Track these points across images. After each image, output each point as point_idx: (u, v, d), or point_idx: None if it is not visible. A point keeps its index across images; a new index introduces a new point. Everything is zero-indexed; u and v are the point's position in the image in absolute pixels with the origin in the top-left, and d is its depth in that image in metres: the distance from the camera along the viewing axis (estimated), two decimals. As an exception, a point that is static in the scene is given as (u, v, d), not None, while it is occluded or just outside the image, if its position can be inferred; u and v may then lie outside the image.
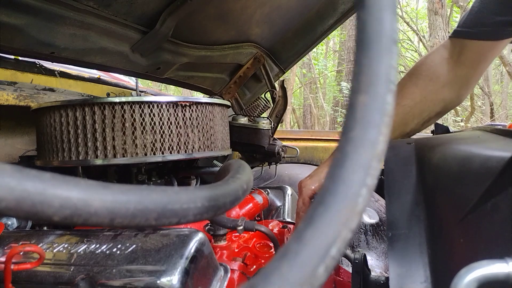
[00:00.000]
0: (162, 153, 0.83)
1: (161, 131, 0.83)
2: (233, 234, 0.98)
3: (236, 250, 0.91)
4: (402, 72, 10.45)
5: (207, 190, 0.37)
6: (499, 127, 0.84)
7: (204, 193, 0.36)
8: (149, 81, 1.80)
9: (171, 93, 8.22)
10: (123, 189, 0.30)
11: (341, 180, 0.23)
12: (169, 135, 0.84)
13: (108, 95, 1.04)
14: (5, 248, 0.73)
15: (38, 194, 0.26)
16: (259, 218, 1.29)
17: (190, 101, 0.88)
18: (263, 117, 1.41)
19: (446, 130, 1.03)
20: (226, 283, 0.78)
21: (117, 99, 0.81)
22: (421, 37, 9.31)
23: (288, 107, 1.77)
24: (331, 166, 0.23)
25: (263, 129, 1.33)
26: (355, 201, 0.23)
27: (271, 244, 0.99)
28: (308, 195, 0.94)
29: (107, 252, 0.67)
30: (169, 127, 0.84)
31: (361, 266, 0.88)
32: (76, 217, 0.28)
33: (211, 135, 0.93)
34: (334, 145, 2.32)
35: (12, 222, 0.87)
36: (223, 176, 0.48)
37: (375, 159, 0.24)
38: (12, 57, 1.17)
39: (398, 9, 9.77)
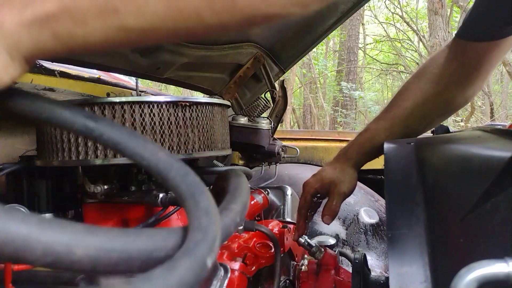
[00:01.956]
0: (162, 153, 0.83)
1: (161, 131, 0.83)
2: (233, 234, 0.98)
3: (236, 250, 0.91)
4: (402, 72, 10.45)
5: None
6: (499, 127, 0.84)
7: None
8: (149, 81, 1.80)
9: (171, 93, 8.22)
10: (109, 236, 0.30)
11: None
12: (169, 135, 0.84)
13: (108, 95, 1.04)
14: (5, 248, 0.73)
15: (21, 240, 0.25)
16: (259, 218, 1.29)
17: (190, 101, 0.88)
18: (263, 117, 1.41)
19: (446, 130, 1.03)
20: (226, 283, 0.78)
21: (117, 99, 0.81)
22: (421, 37, 9.31)
23: (288, 107, 1.77)
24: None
25: (263, 129, 1.33)
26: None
27: (271, 244, 0.99)
28: (310, 193, 0.95)
29: (107, 252, 0.67)
30: (169, 127, 0.84)
31: (361, 266, 0.88)
32: (58, 264, 0.27)
33: (211, 135, 0.93)
34: (334, 145, 2.32)
35: (12, 222, 0.87)
36: (219, 191, 0.48)
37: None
38: (12, 57, 1.16)
39: (398, 9, 9.71)
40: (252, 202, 1.25)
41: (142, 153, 0.43)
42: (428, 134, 1.11)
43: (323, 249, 1.02)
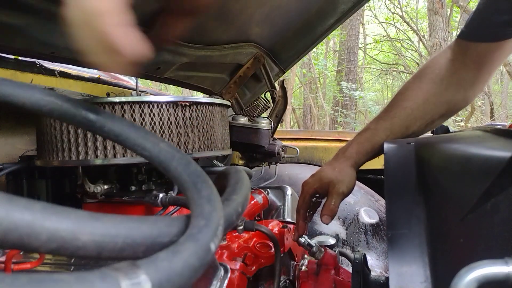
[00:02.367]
0: (162, 153, 0.83)
1: (161, 131, 0.83)
2: (233, 234, 0.98)
3: (236, 250, 0.91)
4: (402, 72, 10.45)
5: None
6: (499, 127, 0.84)
7: None
8: (149, 81, 1.80)
9: (171, 93, 8.22)
10: (114, 222, 0.30)
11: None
12: (169, 135, 0.84)
13: (108, 95, 1.04)
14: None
15: (25, 227, 0.25)
16: (259, 218, 1.29)
17: (190, 101, 0.88)
18: (263, 117, 1.41)
19: (446, 130, 1.03)
20: (226, 283, 0.78)
21: (117, 99, 0.81)
22: (421, 37, 9.31)
23: (288, 107, 1.77)
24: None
25: (263, 129, 1.33)
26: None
27: (271, 244, 0.99)
28: (309, 193, 0.95)
29: (107, 252, 0.67)
30: (169, 127, 0.84)
31: (361, 266, 0.88)
32: (63, 250, 0.27)
33: (211, 135, 0.93)
34: (334, 145, 2.32)
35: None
36: (220, 188, 0.48)
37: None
38: (12, 57, 1.16)
39: (398, 9, 9.70)
40: (252, 202, 1.25)
41: (144, 144, 0.43)
42: (428, 134, 1.12)
43: (323, 249, 1.02)
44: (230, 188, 0.47)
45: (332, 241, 1.12)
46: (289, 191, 1.50)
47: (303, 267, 1.06)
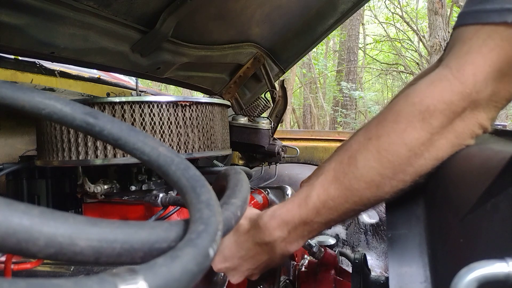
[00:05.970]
0: (162, 153, 0.83)
1: (161, 131, 0.83)
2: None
3: (236, 250, 0.91)
4: (402, 72, 10.45)
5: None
6: (499, 127, 0.84)
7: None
8: (149, 81, 1.80)
9: (171, 93, 8.21)
10: (112, 227, 0.30)
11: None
12: (169, 135, 0.84)
13: (108, 95, 1.03)
14: (5, 248, 0.73)
15: (24, 232, 0.25)
16: (259, 218, 1.29)
17: (190, 101, 0.88)
18: (263, 117, 1.41)
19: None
20: (226, 283, 0.78)
21: (117, 99, 0.81)
22: (421, 37, 9.31)
23: (288, 107, 1.77)
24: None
25: (263, 129, 1.33)
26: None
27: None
28: None
29: (107, 252, 0.67)
30: (169, 127, 0.84)
31: (361, 266, 0.88)
32: (61, 256, 0.27)
33: (211, 135, 0.93)
34: (334, 145, 2.32)
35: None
36: (219, 189, 0.48)
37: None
38: (12, 57, 1.16)
39: (398, 9, 9.68)
40: (252, 202, 1.25)
41: (143, 148, 0.43)
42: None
43: (323, 249, 1.02)
44: (229, 191, 0.47)
45: (332, 241, 1.12)
46: (289, 191, 1.50)
47: (303, 267, 1.06)
